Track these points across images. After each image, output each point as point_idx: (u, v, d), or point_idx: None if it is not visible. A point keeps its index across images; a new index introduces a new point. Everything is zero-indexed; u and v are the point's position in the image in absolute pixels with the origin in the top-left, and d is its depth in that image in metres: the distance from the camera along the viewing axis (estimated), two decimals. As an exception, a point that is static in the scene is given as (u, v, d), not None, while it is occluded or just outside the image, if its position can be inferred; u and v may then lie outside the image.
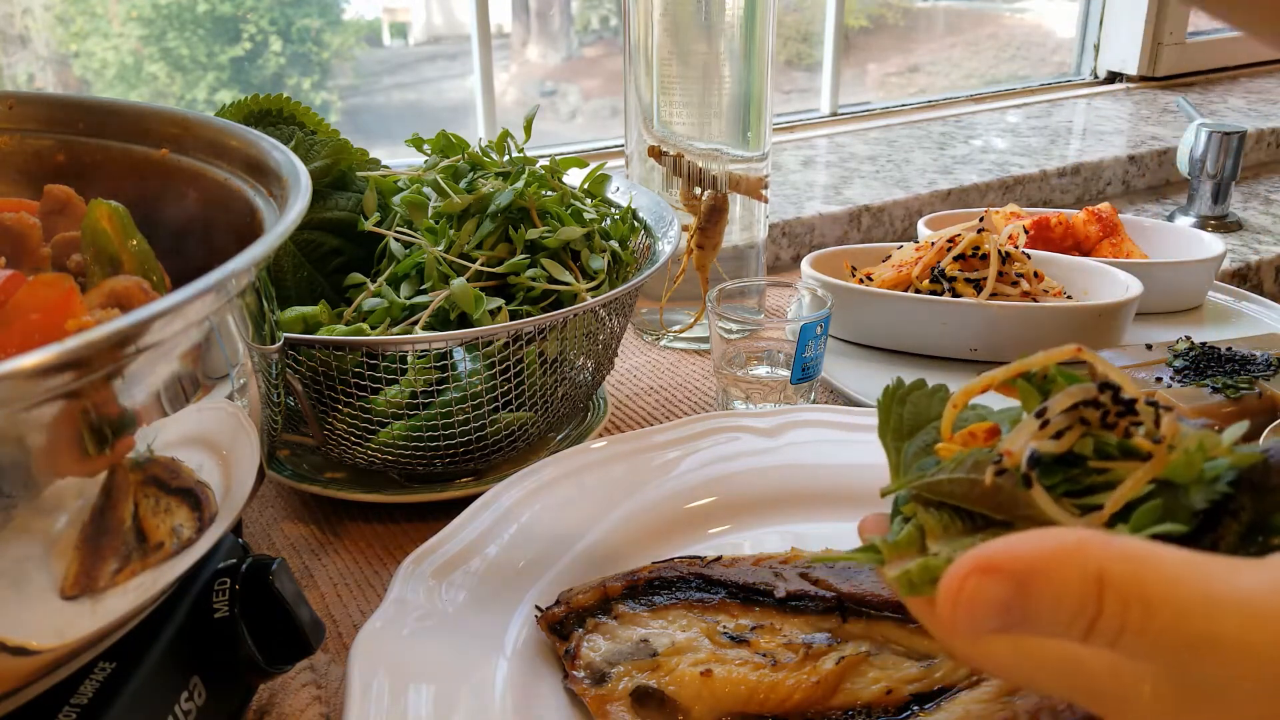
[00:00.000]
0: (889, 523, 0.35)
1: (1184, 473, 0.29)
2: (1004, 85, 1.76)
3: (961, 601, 0.27)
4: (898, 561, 0.32)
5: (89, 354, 0.28)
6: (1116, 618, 0.26)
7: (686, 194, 0.80)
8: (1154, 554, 0.26)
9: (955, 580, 0.27)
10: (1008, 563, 0.27)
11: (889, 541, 0.32)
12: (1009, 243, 0.89)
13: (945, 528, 0.32)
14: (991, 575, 0.27)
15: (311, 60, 1.33)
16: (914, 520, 0.33)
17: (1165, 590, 0.25)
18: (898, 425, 0.37)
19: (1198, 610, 0.25)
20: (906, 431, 0.37)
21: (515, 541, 0.56)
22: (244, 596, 0.43)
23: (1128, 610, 0.25)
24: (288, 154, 0.46)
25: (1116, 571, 0.26)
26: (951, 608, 0.27)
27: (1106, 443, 0.31)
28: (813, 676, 0.47)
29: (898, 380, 0.38)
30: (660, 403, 0.80)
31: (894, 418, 0.37)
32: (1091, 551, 0.26)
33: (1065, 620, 0.26)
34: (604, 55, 1.57)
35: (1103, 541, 0.26)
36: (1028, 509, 0.30)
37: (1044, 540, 0.27)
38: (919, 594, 0.30)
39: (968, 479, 0.32)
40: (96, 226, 0.43)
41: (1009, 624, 0.27)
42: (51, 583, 0.30)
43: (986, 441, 0.34)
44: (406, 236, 0.68)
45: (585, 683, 0.47)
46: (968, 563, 0.27)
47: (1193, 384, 0.73)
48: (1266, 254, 1.18)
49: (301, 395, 0.59)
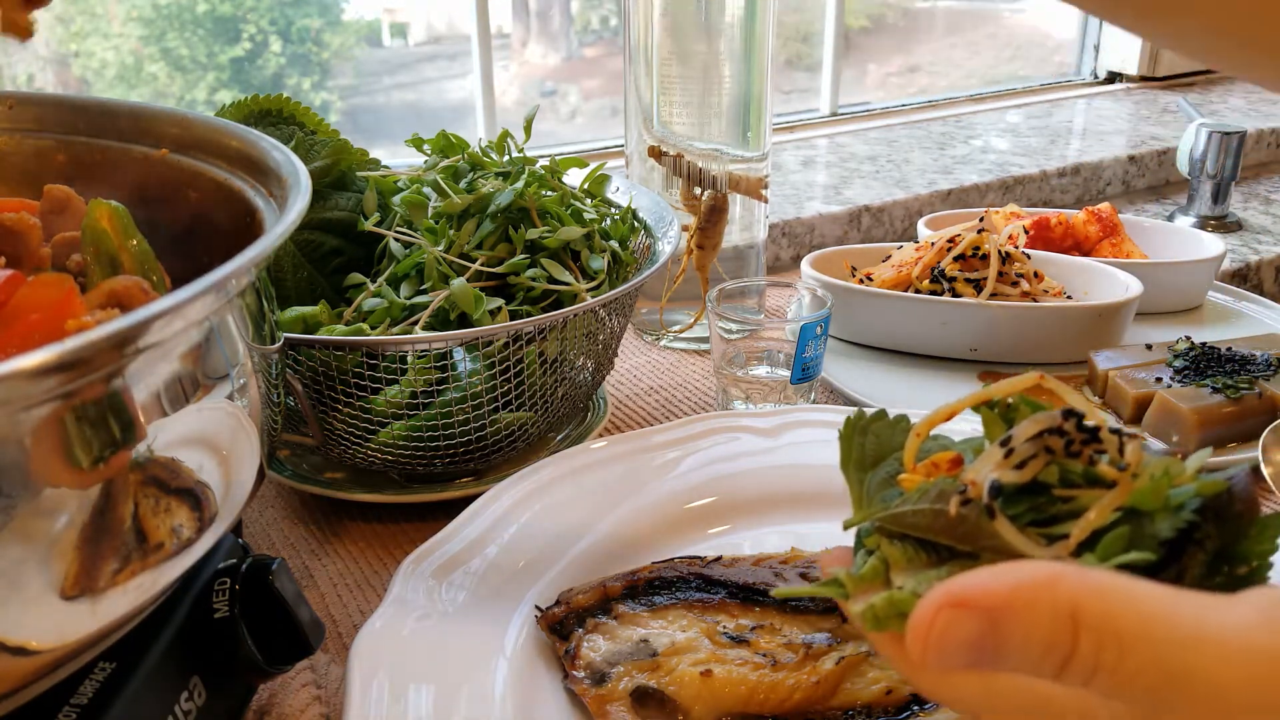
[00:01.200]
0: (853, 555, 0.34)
1: (1149, 500, 0.29)
2: (1004, 85, 1.76)
3: (932, 638, 0.26)
4: (862, 596, 0.31)
5: (89, 354, 0.28)
6: (1090, 656, 0.25)
7: (686, 194, 0.80)
8: (1128, 590, 0.25)
9: (925, 615, 0.27)
10: (979, 598, 0.26)
11: (852, 575, 0.32)
12: (1009, 243, 0.89)
13: (910, 560, 0.31)
14: (962, 610, 0.26)
15: (311, 60, 1.33)
16: (878, 553, 0.32)
17: (1140, 628, 0.25)
18: (860, 456, 0.36)
19: (1173, 649, 0.24)
20: (869, 462, 0.36)
21: (515, 541, 0.56)
22: (244, 596, 0.43)
23: (1102, 649, 0.25)
24: (288, 154, 0.46)
25: (1091, 608, 0.25)
26: (921, 644, 0.27)
27: (1071, 471, 0.31)
28: (813, 676, 0.47)
29: (858, 411, 0.37)
30: (660, 403, 0.80)
31: (856, 449, 0.36)
32: (1065, 587, 0.25)
33: (1037, 657, 0.26)
34: (604, 55, 1.57)
35: (1076, 577, 0.26)
36: (992, 540, 0.30)
37: (1016, 574, 0.26)
38: (884, 629, 0.30)
39: (931, 510, 0.31)
40: (96, 226, 0.43)
41: (979, 661, 0.26)
42: (51, 583, 0.30)
43: (950, 471, 0.33)
44: (406, 236, 0.68)
45: (585, 683, 0.47)
46: (938, 598, 0.27)
47: (1193, 384, 0.73)
48: (1266, 254, 1.18)
49: (301, 395, 0.59)
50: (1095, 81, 1.82)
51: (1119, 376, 0.76)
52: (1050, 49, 1.89)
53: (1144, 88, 1.78)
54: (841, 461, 0.36)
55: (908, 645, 0.27)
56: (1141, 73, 1.78)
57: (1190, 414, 0.69)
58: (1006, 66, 1.84)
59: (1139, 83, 1.80)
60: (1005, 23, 1.89)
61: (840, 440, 0.36)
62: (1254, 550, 0.30)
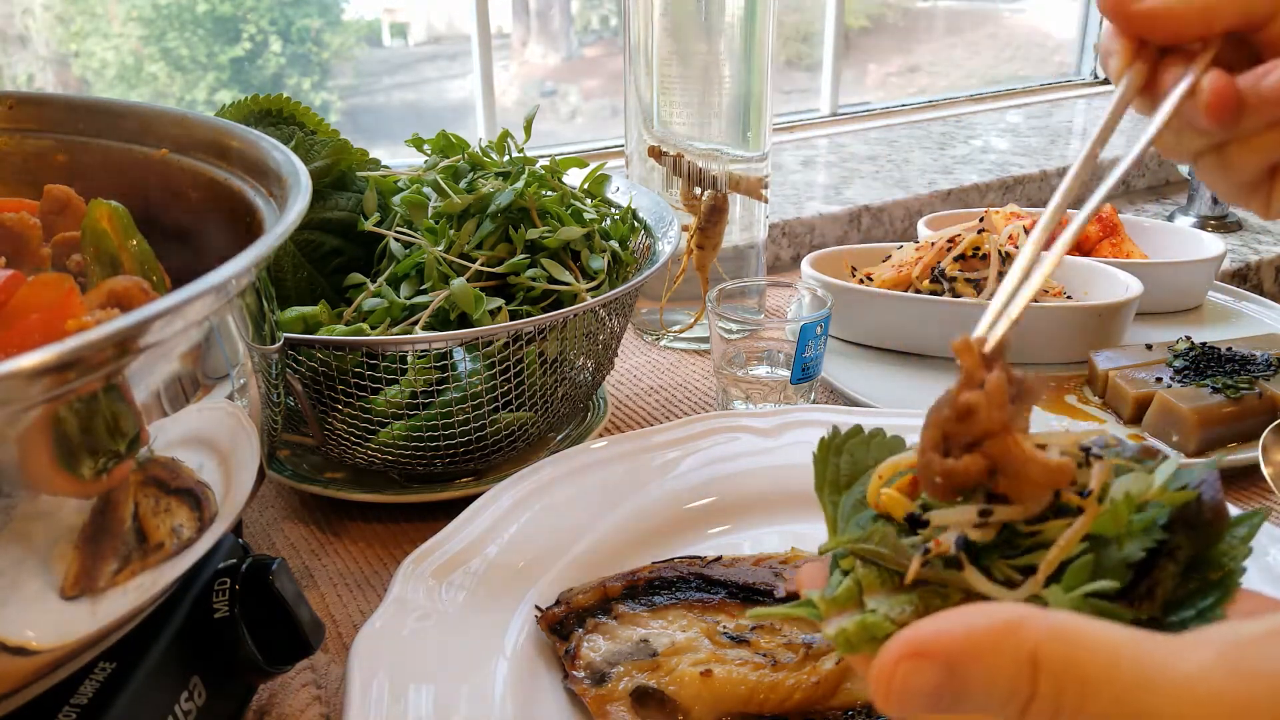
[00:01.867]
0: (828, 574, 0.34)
1: (1111, 527, 0.29)
2: (1004, 85, 1.76)
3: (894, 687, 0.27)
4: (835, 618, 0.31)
5: (89, 354, 0.28)
6: (1050, 700, 0.25)
7: (686, 194, 0.80)
8: (1089, 633, 0.25)
9: (887, 665, 0.27)
10: (937, 647, 0.26)
11: (826, 597, 0.32)
12: (1009, 243, 0.89)
13: (883, 583, 0.31)
14: (922, 660, 0.26)
15: (311, 60, 1.33)
16: (852, 574, 0.32)
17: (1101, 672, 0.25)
18: (834, 478, 0.36)
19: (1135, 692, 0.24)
20: (844, 484, 0.36)
21: (515, 541, 0.56)
22: (244, 596, 0.43)
23: (1062, 693, 0.25)
24: (288, 154, 0.46)
25: (1050, 652, 0.25)
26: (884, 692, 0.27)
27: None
28: (813, 676, 0.47)
29: (834, 430, 0.37)
30: (660, 403, 0.80)
31: (830, 469, 0.36)
32: (1025, 633, 0.25)
33: (998, 703, 0.26)
34: (604, 55, 1.57)
35: (1036, 621, 0.26)
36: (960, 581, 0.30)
37: (975, 620, 0.26)
38: (857, 652, 0.30)
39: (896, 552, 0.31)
40: (96, 226, 0.43)
41: (941, 707, 0.27)
42: (52, 583, 0.30)
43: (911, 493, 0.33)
44: (406, 236, 0.68)
45: (585, 683, 0.47)
46: (898, 647, 0.27)
47: (1193, 384, 0.73)
48: (1266, 254, 1.18)
49: (301, 395, 0.59)
50: (1095, 81, 1.82)
51: (1119, 376, 0.76)
52: (1050, 49, 1.89)
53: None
54: (816, 483, 0.36)
55: (871, 690, 0.28)
56: (1141, 73, 1.78)
57: (1190, 414, 0.69)
58: (1006, 66, 1.84)
59: (1139, 83, 1.79)
60: (1005, 23, 1.89)
61: (814, 463, 0.36)
62: (1226, 553, 0.30)
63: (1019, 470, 0.29)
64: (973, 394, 0.30)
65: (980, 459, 0.30)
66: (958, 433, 0.30)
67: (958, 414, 0.30)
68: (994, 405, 0.30)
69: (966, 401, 0.30)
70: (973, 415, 0.30)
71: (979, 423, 0.30)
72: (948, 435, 0.30)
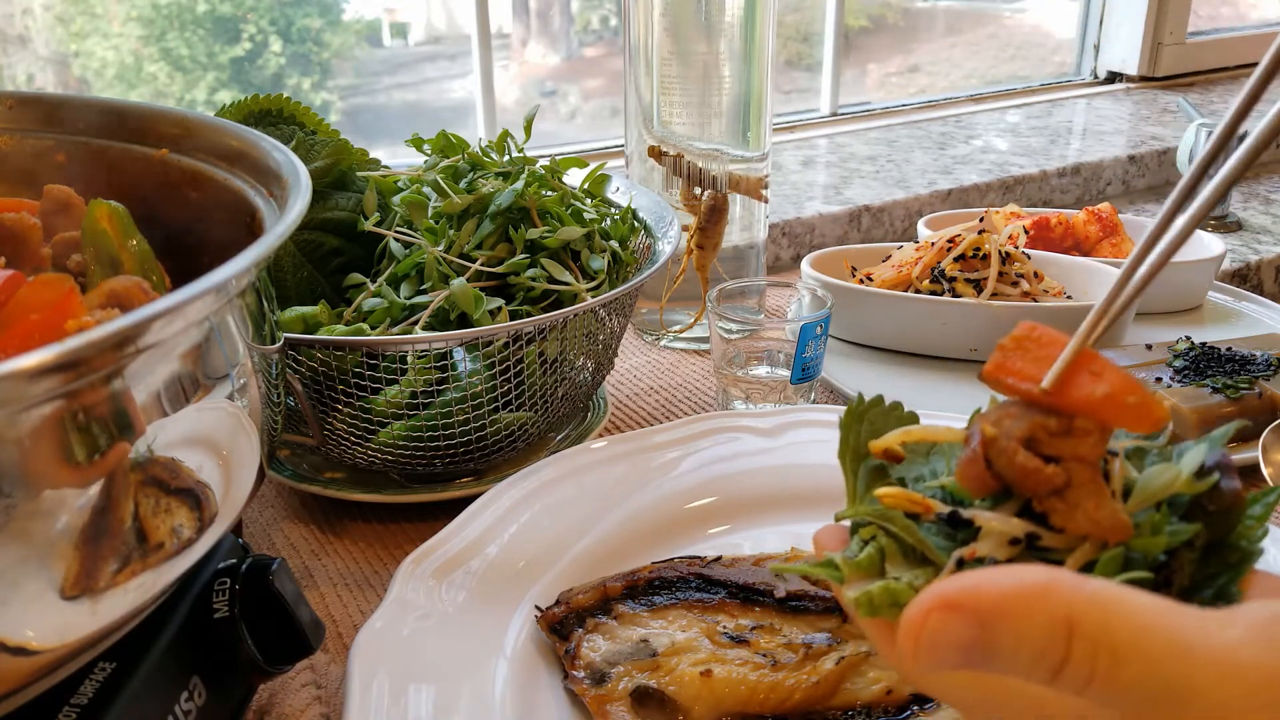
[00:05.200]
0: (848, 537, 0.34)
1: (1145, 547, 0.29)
2: (1004, 85, 1.76)
3: (923, 638, 0.26)
4: (857, 583, 0.31)
5: (89, 354, 0.28)
6: (1085, 665, 0.25)
7: (686, 194, 0.80)
8: (1125, 600, 0.25)
9: (918, 616, 0.26)
10: (972, 601, 0.26)
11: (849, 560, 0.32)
12: (1009, 243, 0.89)
13: (905, 554, 0.31)
14: (955, 613, 0.26)
15: (311, 60, 1.33)
16: (874, 542, 0.32)
17: (1136, 639, 0.25)
18: (856, 444, 0.36)
19: (1170, 662, 0.24)
20: (864, 451, 0.36)
21: (515, 541, 0.56)
22: (244, 596, 0.43)
23: (1096, 658, 0.25)
24: (288, 154, 0.46)
25: (1086, 617, 0.25)
26: (913, 643, 0.27)
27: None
28: (813, 676, 0.47)
29: (859, 397, 0.37)
30: (660, 403, 0.80)
31: (853, 436, 0.36)
32: (1060, 594, 0.25)
33: (1029, 663, 0.26)
34: (604, 55, 1.57)
35: (1072, 584, 0.26)
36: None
37: (1010, 578, 0.26)
38: (879, 616, 0.29)
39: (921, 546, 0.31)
40: (96, 226, 0.43)
41: (971, 663, 0.26)
42: (52, 583, 0.30)
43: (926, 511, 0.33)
44: (406, 236, 0.68)
45: (585, 683, 0.47)
46: (930, 598, 0.26)
47: (1193, 384, 0.73)
48: (1266, 254, 1.18)
49: (301, 395, 0.59)
50: (1095, 81, 1.82)
51: (1119, 376, 0.76)
52: (1050, 49, 1.89)
53: (1144, 88, 1.78)
54: (839, 451, 0.36)
55: (899, 643, 0.27)
56: (1141, 73, 1.78)
57: (1190, 414, 0.69)
58: (1006, 66, 1.84)
59: (1139, 83, 1.80)
60: (1005, 23, 1.89)
61: (840, 428, 0.36)
62: (1244, 535, 0.30)
63: (1087, 508, 0.29)
64: (1090, 423, 0.30)
65: (1062, 474, 0.29)
66: (1050, 443, 0.30)
67: (1065, 429, 0.30)
68: (1104, 441, 0.30)
69: (1083, 426, 0.30)
70: (1085, 438, 0.30)
71: (1087, 446, 0.30)
72: (1036, 439, 0.30)
